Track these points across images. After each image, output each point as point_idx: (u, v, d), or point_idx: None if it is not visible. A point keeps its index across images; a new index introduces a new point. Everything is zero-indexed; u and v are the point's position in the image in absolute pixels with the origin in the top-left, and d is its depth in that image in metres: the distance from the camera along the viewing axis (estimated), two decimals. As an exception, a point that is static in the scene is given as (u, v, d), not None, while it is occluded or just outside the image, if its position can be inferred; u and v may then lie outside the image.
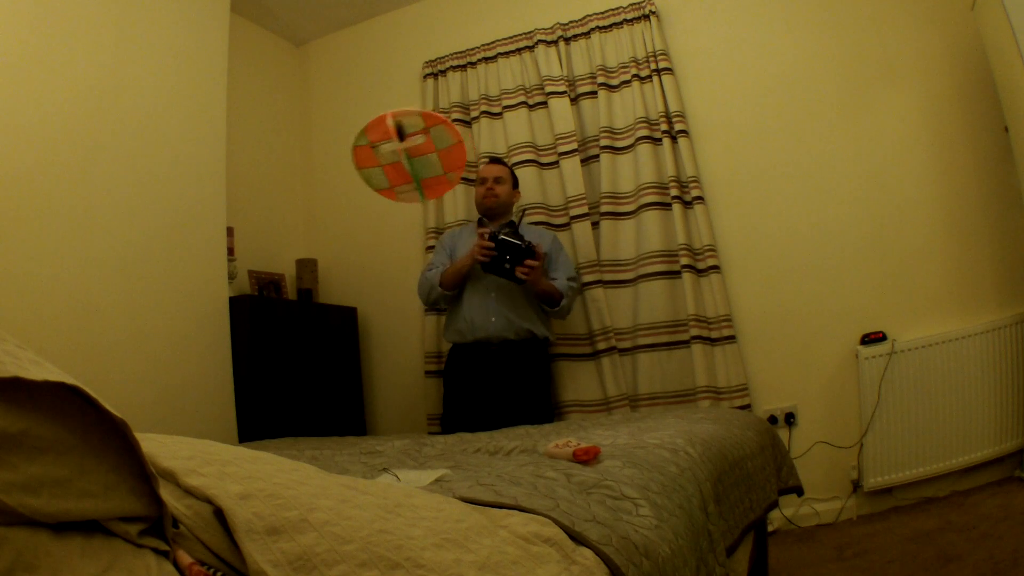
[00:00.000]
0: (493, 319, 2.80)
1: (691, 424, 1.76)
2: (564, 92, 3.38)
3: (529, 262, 2.63)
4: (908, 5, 3.00)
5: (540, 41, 3.46)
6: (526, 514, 0.90)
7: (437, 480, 1.20)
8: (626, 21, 3.33)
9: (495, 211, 2.96)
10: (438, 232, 3.59)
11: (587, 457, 1.29)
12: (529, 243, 2.66)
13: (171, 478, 0.74)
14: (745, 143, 3.18)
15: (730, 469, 1.59)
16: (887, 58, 3.02)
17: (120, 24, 2.74)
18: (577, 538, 0.88)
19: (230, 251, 3.20)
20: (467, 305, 2.85)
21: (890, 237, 2.95)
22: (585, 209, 3.27)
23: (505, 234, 2.67)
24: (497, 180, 2.97)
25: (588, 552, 0.86)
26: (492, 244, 2.65)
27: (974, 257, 2.85)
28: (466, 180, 3.55)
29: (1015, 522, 2.27)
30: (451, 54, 3.69)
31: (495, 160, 3.13)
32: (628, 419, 2.23)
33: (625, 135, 3.28)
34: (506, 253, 2.65)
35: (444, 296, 2.89)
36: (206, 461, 0.77)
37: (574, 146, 3.33)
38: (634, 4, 3.31)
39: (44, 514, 0.54)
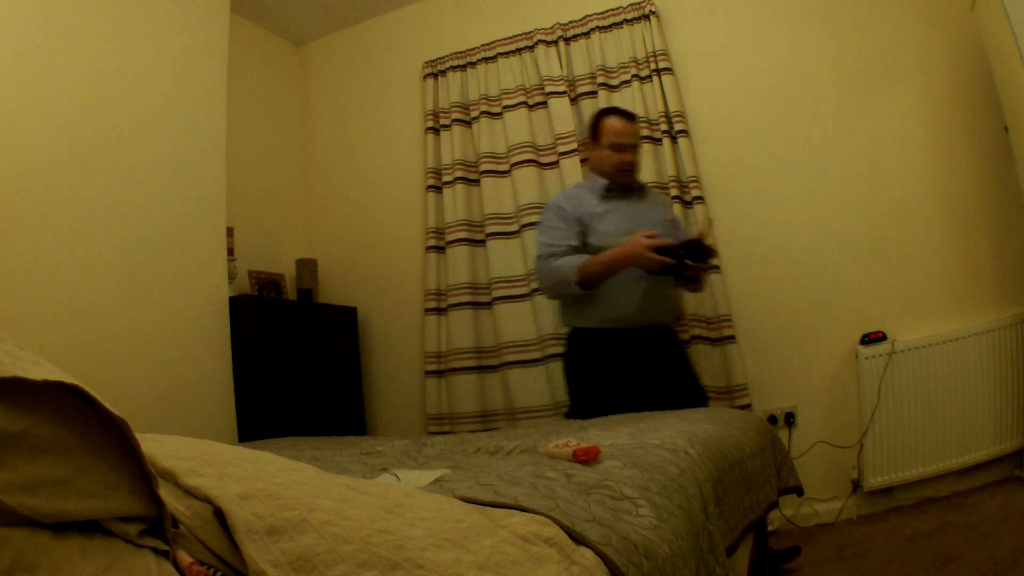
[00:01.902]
0: (656, 305, 2.46)
1: (691, 424, 1.76)
2: (564, 92, 3.38)
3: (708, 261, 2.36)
4: (908, 5, 3.00)
5: (540, 41, 3.46)
6: (526, 514, 0.90)
7: (437, 480, 1.20)
8: (626, 21, 3.33)
9: (629, 183, 2.57)
10: (438, 232, 3.59)
11: (587, 457, 1.29)
12: (709, 249, 2.32)
13: (171, 478, 0.74)
14: (745, 143, 3.18)
15: (730, 469, 1.59)
16: (887, 58, 3.02)
17: (120, 24, 2.74)
18: (577, 538, 0.88)
19: (230, 251, 3.20)
20: (622, 289, 2.41)
21: (890, 237, 2.95)
22: (585, 209, 3.27)
23: (685, 249, 2.29)
24: (634, 147, 2.58)
25: (588, 552, 0.86)
26: (671, 261, 2.27)
27: (974, 257, 2.85)
28: (465, 180, 3.56)
29: (1015, 522, 2.27)
30: (451, 54, 3.69)
31: (627, 115, 2.60)
32: (628, 419, 2.23)
33: (625, 135, 3.28)
34: (684, 264, 2.31)
35: (579, 293, 2.43)
36: (206, 461, 0.77)
37: (574, 146, 3.33)
38: (634, 4, 3.31)
39: (44, 514, 0.54)
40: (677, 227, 2.62)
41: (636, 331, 2.45)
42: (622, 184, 2.53)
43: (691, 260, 2.28)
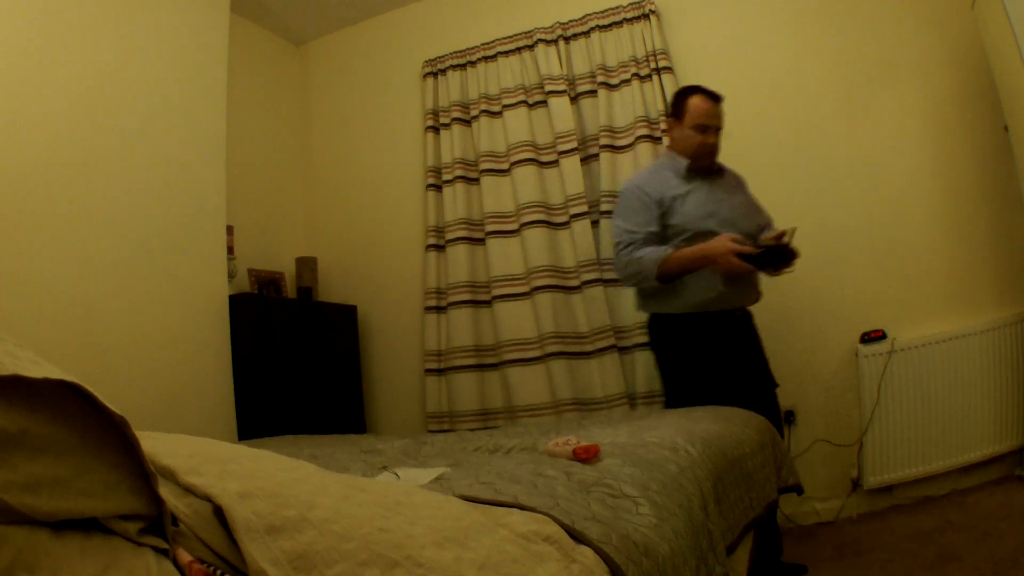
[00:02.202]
0: (738, 289, 2.39)
1: (691, 423, 1.76)
2: (564, 91, 3.38)
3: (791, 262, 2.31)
4: (908, 5, 3.00)
5: (540, 40, 3.46)
6: (526, 512, 0.90)
7: (437, 478, 1.20)
8: (626, 20, 3.33)
9: (709, 165, 2.49)
10: (438, 230, 3.59)
11: (587, 455, 1.29)
12: (791, 253, 2.27)
13: (171, 476, 0.74)
14: (745, 142, 3.17)
15: (730, 468, 1.59)
16: (887, 58, 3.02)
17: (120, 24, 2.74)
18: (577, 536, 0.88)
19: (230, 250, 3.20)
20: (706, 273, 2.33)
21: (890, 236, 2.95)
22: (585, 208, 3.27)
23: (767, 256, 2.23)
24: (718, 129, 2.47)
25: (588, 550, 0.86)
26: (750, 268, 2.25)
27: (974, 256, 2.85)
28: (465, 178, 3.56)
29: (1015, 521, 2.27)
30: (451, 53, 3.69)
31: (713, 95, 2.49)
32: (628, 417, 2.23)
33: (625, 134, 3.28)
34: (765, 268, 2.32)
35: (658, 287, 2.39)
36: (206, 459, 0.77)
37: (574, 145, 3.33)
38: (634, 3, 3.31)
39: (44, 513, 0.54)
40: (757, 209, 2.55)
41: (720, 315, 2.38)
42: (704, 166, 2.45)
43: (772, 266, 2.27)
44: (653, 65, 3.24)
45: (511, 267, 3.39)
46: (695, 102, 2.46)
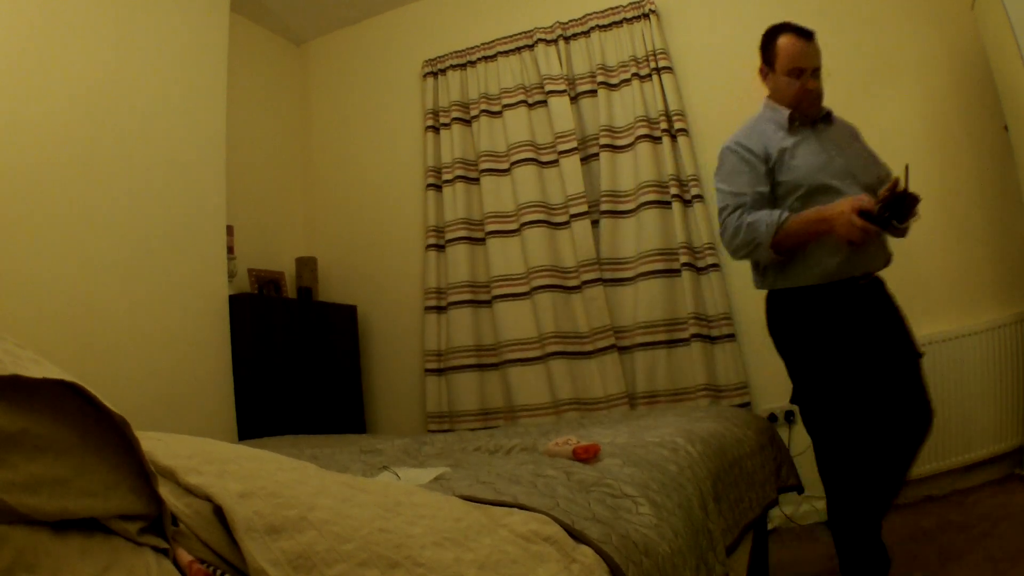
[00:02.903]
0: (874, 249, 2.03)
1: (691, 422, 1.76)
2: (564, 91, 3.38)
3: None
4: (908, 5, 3.00)
5: (540, 40, 3.46)
6: (526, 513, 0.90)
7: (437, 478, 1.20)
8: (626, 20, 3.33)
9: (815, 113, 2.17)
10: (438, 230, 3.59)
11: (587, 455, 1.29)
12: (914, 199, 1.89)
13: (171, 476, 0.74)
14: (745, 142, 3.18)
15: (730, 467, 1.59)
16: (887, 57, 3.02)
17: (120, 24, 2.74)
18: (577, 536, 0.88)
19: (230, 250, 3.20)
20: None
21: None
22: (585, 207, 3.27)
23: (890, 209, 1.87)
24: (816, 70, 2.16)
25: (588, 550, 0.86)
26: (875, 229, 1.87)
27: (974, 256, 2.85)
28: (465, 178, 3.56)
29: (1015, 521, 2.27)
30: (451, 53, 3.69)
31: (804, 32, 2.21)
32: (628, 417, 2.24)
33: (625, 134, 3.28)
34: (891, 227, 1.93)
35: (772, 258, 2.05)
36: (206, 459, 0.77)
37: (574, 145, 3.33)
38: (634, 3, 3.31)
39: (44, 513, 0.54)
40: (874, 159, 2.21)
41: (848, 284, 2.01)
42: (809, 114, 2.14)
43: (897, 219, 1.89)
44: (653, 65, 3.24)
45: (511, 267, 3.39)
46: (784, 44, 2.18)
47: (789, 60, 2.15)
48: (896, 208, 1.87)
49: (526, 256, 3.35)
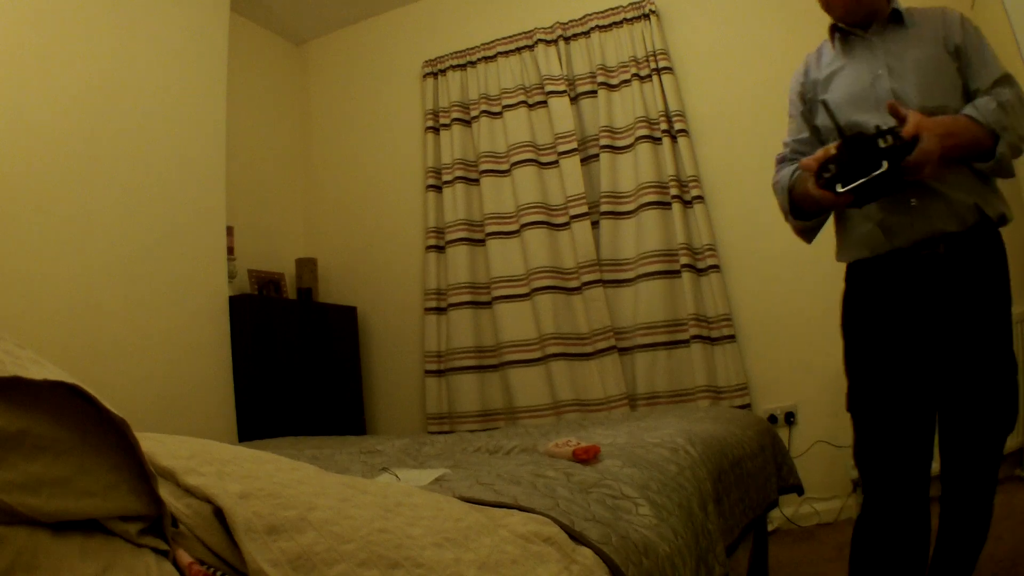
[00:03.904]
0: (914, 203, 1.49)
1: (691, 423, 1.76)
2: (564, 91, 3.38)
3: (911, 162, 1.34)
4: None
5: (540, 40, 3.46)
6: (526, 513, 0.90)
7: (437, 479, 1.20)
8: (626, 20, 3.33)
9: (857, 15, 1.62)
10: (438, 231, 3.59)
11: (587, 456, 1.29)
12: (896, 141, 1.33)
13: (171, 477, 0.74)
14: (745, 142, 3.18)
15: (730, 468, 1.59)
16: (887, 57, 3.02)
17: (120, 24, 2.74)
18: (577, 537, 0.88)
19: (230, 250, 3.20)
20: None
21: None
22: (585, 208, 3.27)
23: (838, 162, 1.38)
24: None
25: (587, 551, 0.86)
26: (836, 197, 1.39)
27: (974, 256, 2.85)
28: (465, 179, 3.55)
29: (1015, 521, 2.27)
30: (451, 53, 3.69)
31: None
32: (628, 418, 2.24)
33: (625, 134, 3.28)
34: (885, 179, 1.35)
35: (801, 227, 1.70)
36: (206, 460, 0.77)
37: (574, 145, 3.33)
38: (634, 3, 3.31)
39: (44, 513, 0.54)
40: (952, 69, 1.54)
41: (903, 257, 1.53)
42: (852, 21, 1.63)
43: (843, 181, 1.35)
44: (653, 65, 3.24)
45: (511, 268, 3.39)
46: None
47: None
48: (851, 165, 1.35)
49: (526, 257, 3.35)
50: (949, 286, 1.49)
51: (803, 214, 1.66)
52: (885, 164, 1.32)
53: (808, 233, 1.73)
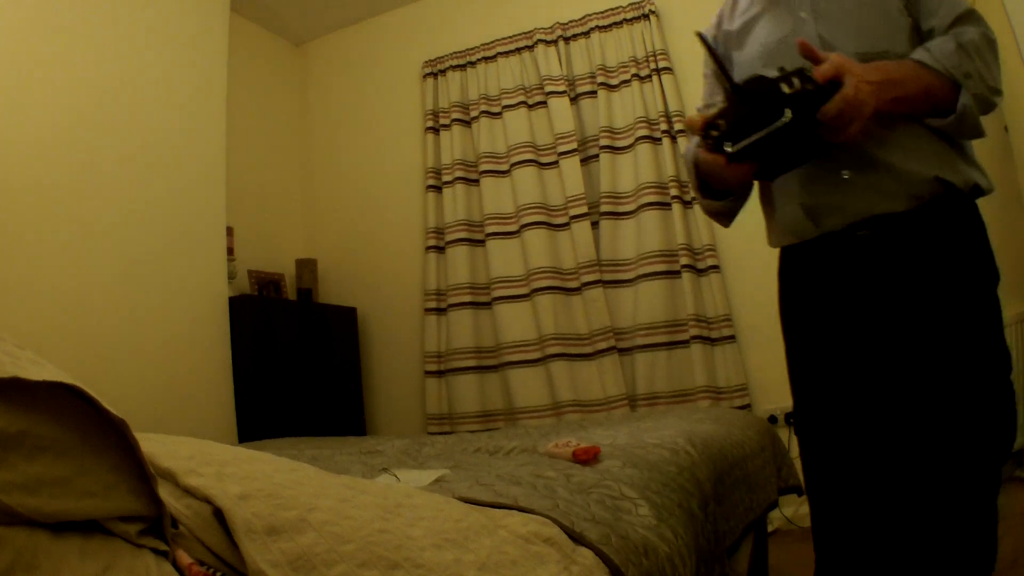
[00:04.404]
0: (847, 176, 1.20)
1: (691, 424, 1.76)
2: (564, 92, 3.38)
3: (828, 113, 1.03)
4: None
5: (540, 41, 3.46)
6: (526, 514, 0.90)
7: (437, 480, 1.20)
8: (626, 20, 3.33)
9: None
10: (438, 232, 3.59)
11: (587, 457, 1.29)
12: (806, 84, 1.04)
13: (170, 478, 0.74)
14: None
15: (730, 469, 1.59)
16: (887, 58, 3.01)
17: (120, 24, 2.74)
18: (576, 538, 0.88)
19: (230, 251, 3.20)
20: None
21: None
22: (585, 209, 3.27)
23: (728, 117, 1.08)
24: None
25: (587, 552, 0.86)
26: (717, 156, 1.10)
27: (974, 257, 2.85)
28: (465, 180, 3.55)
29: (1015, 522, 2.27)
30: (451, 54, 3.69)
31: None
32: (628, 419, 2.24)
33: (625, 135, 3.28)
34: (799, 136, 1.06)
35: (719, 206, 1.41)
36: (205, 461, 0.77)
37: (574, 146, 3.33)
38: (634, 4, 3.31)
39: (43, 514, 0.54)
40: (893, 9, 1.22)
41: (831, 241, 1.23)
42: None
43: (733, 139, 1.05)
44: (653, 65, 3.24)
45: (511, 269, 3.39)
46: None
47: None
48: (746, 119, 1.04)
49: (526, 258, 3.35)
50: (896, 276, 1.16)
51: (713, 192, 1.32)
52: (788, 113, 0.99)
53: (722, 216, 1.44)
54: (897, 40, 1.20)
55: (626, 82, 3.30)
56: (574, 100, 3.41)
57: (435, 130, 3.67)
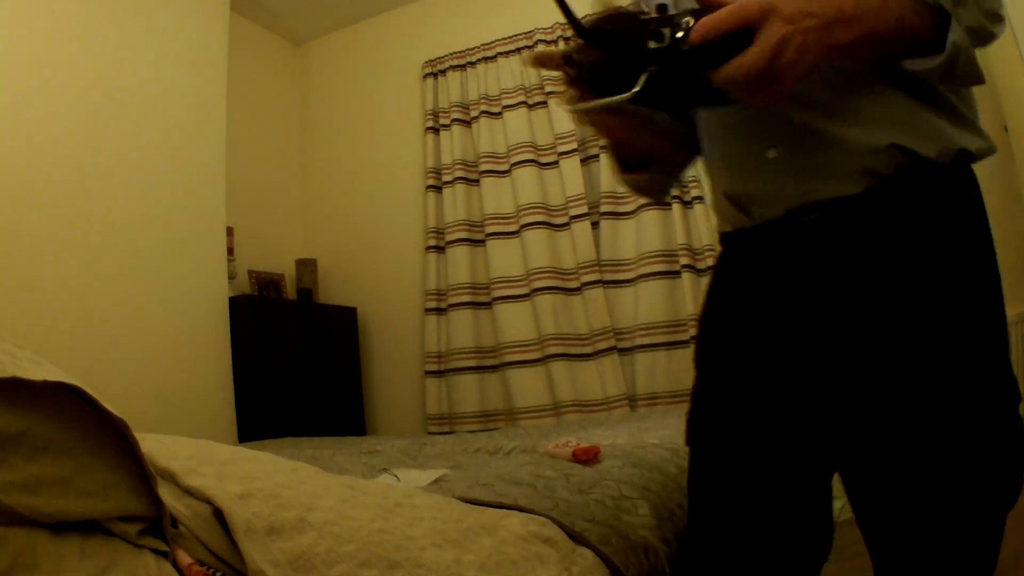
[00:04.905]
0: (772, 155, 0.89)
1: (691, 424, 1.75)
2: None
3: (721, 80, 0.69)
4: None
5: (540, 41, 3.46)
6: (526, 514, 0.90)
7: (436, 480, 1.20)
8: (626, 21, 3.32)
9: None
10: (438, 232, 3.59)
11: (587, 457, 1.29)
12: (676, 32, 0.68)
13: (170, 478, 0.74)
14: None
15: (730, 469, 1.59)
16: (887, 58, 3.02)
17: (119, 24, 2.74)
18: (576, 538, 0.88)
19: (230, 251, 3.20)
20: (716, 142, 0.99)
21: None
22: (585, 209, 3.27)
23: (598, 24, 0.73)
24: None
25: (587, 552, 0.86)
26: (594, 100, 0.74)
27: (974, 257, 2.85)
28: (465, 180, 3.55)
29: (1015, 522, 2.26)
30: (451, 54, 3.69)
31: None
32: (628, 419, 2.24)
33: (625, 135, 3.28)
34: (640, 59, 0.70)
35: (638, 180, 1.07)
36: (205, 461, 0.77)
37: (574, 146, 3.33)
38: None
39: (44, 514, 0.54)
40: None
41: (771, 230, 0.93)
42: None
43: (600, 90, 0.73)
44: (653, 66, 3.24)
45: (511, 269, 3.39)
46: None
47: None
48: (599, 68, 0.75)
49: (526, 258, 3.35)
50: (852, 272, 0.85)
51: (629, 163, 1.04)
52: (642, 81, 0.69)
53: (648, 191, 1.13)
54: None
55: (626, 82, 3.29)
56: (574, 100, 3.40)
57: (435, 130, 3.67)
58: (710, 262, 3.07)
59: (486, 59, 3.59)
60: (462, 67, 3.66)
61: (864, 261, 0.85)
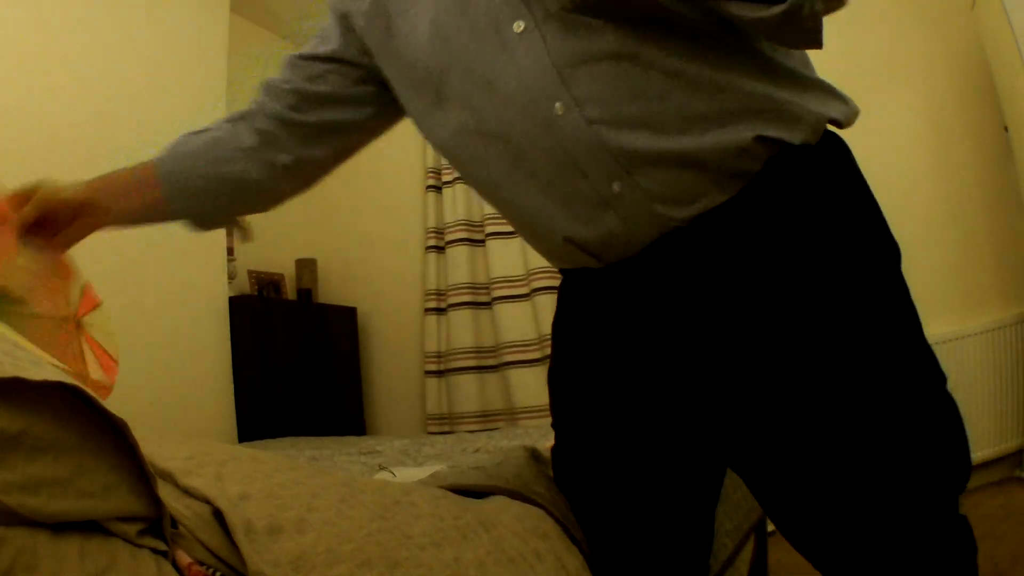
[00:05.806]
0: (617, 189, 0.75)
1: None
2: (564, 92, 3.38)
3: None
4: (908, 5, 3.00)
5: (540, 41, 3.46)
6: (523, 510, 0.90)
7: (432, 475, 1.21)
8: (626, 21, 3.33)
9: None
10: (438, 232, 3.59)
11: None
12: None
13: (170, 478, 0.74)
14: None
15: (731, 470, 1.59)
16: (887, 58, 3.02)
17: (119, 24, 2.74)
18: (573, 533, 0.88)
19: (230, 251, 3.20)
20: (540, 176, 0.79)
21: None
22: (585, 209, 3.27)
23: None
24: None
25: (586, 548, 0.86)
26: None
27: (974, 257, 2.85)
28: (463, 182, 3.55)
29: (1015, 522, 2.27)
30: (451, 54, 3.69)
31: None
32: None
33: (625, 135, 3.28)
34: None
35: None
36: (205, 462, 0.77)
37: (574, 146, 3.33)
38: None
39: (43, 514, 0.54)
40: None
41: (624, 266, 0.81)
42: None
43: None
44: (653, 66, 3.24)
45: (511, 269, 3.39)
46: None
47: None
48: None
49: (526, 258, 3.35)
50: (732, 269, 0.76)
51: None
52: None
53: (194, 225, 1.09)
54: None
55: (626, 82, 3.30)
56: (574, 100, 3.40)
57: (435, 130, 3.67)
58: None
59: (486, 59, 3.59)
60: (462, 67, 3.66)
61: (743, 258, 0.76)
